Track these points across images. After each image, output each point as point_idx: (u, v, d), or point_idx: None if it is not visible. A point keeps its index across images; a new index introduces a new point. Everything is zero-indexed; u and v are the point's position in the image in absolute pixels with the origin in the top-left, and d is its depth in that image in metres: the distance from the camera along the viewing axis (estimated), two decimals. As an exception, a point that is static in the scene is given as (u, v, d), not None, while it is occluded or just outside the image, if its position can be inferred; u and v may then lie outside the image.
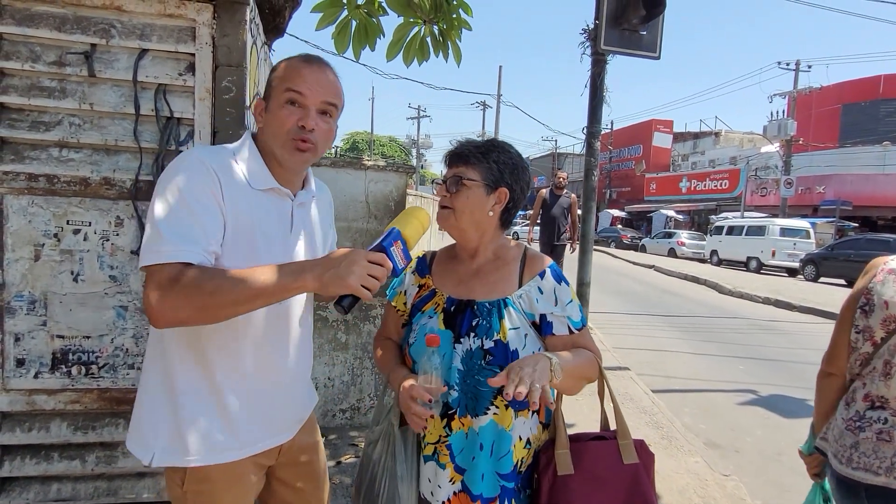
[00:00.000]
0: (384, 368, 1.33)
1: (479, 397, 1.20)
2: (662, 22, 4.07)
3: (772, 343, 6.99)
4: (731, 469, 3.21)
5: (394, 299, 1.39)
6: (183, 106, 1.67)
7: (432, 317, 1.27)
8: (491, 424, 1.21)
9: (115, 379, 1.69)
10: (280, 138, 1.13)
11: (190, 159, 1.10)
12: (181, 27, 1.65)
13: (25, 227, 1.61)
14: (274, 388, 1.24)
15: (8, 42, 1.57)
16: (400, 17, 3.58)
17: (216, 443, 1.16)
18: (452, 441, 1.22)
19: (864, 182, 21.11)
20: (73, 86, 1.62)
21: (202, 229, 1.04)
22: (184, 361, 1.15)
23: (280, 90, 1.13)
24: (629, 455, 1.22)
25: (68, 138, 1.62)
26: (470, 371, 1.20)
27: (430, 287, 1.34)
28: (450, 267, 1.36)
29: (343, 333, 3.13)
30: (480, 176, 1.24)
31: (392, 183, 3.11)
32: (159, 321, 1.00)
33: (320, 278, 0.98)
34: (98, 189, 1.64)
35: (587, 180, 4.26)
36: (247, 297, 0.98)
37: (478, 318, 1.23)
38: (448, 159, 1.30)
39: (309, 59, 1.17)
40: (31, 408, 1.65)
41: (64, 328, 1.65)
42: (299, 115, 1.12)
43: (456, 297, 1.29)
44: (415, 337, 1.27)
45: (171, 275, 0.98)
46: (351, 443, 3.00)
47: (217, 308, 0.99)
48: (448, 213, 1.26)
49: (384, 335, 1.42)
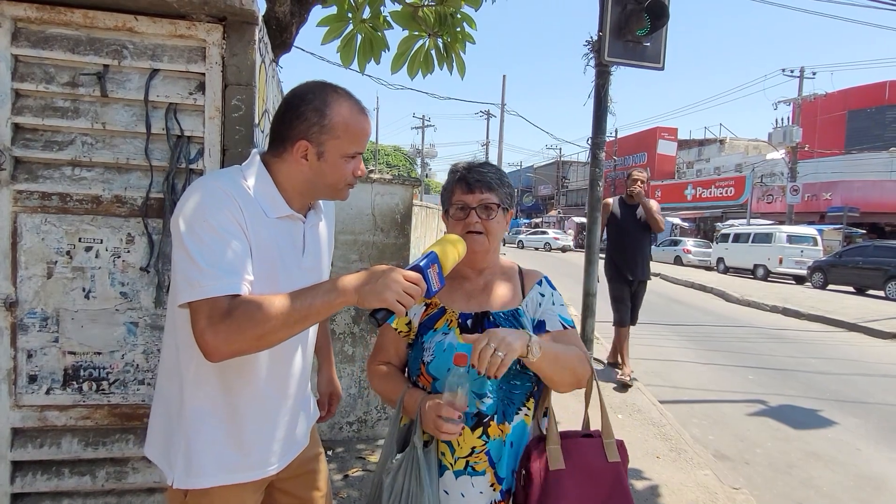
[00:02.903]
0: (390, 393, 1.34)
1: (513, 401, 1.28)
2: (666, 33, 4.09)
3: (780, 352, 6.94)
4: (742, 482, 3.18)
5: (393, 321, 1.38)
6: (193, 124, 1.69)
7: (447, 333, 1.31)
8: (521, 424, 1.30)
9: (126, 395, 1.70)
10: (339, 186, 1.22)
11: (210, 188, 1.11)
12: (192, 47, 1.68)
13: (38, 244, 1.63)
14: (285, 406, 1.26)
15: (23, 64, 1.60)
16: (405, 31, 3.63)
17: (228, 464, 1.18)
18: (490, 448, 1.26)
19: (871, 188, 21.01)
20: (85, 106, 1.64)
21: (237, 258, 1.05)
22: (198, 382, 1.17)
23: (347, 143, 1.18)
24: (613, 453, 1.28)
25: (81, 157, 1.64)
26: (505, 377, 1.25)
27: (437, 305, 1.37)
28: (455, 285, 1.40)
29: (350, 346, 3.14)
30: (501, 200, 1.35)
31: (398, 196, 3.13)
32: (214, 355, 1.01)
33: (360, 291, 1.03)
34: (110, 207, 1.67)
35: (592, 191, 4.26)
36: (297, 320, 1.02)
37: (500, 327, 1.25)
38: (467, 185, 1.35)
39: (365, 111, 1.24)
40: (42, 424, 1.66)
41: (75, 344, 1.67)
42: (355, 164, 1.22)
43: (469, 311, 1.34)
44: (433, 354, 1.29)
45: (221, 309, 1.00)
46: (358, 455, 3.00)
47: (271, 334, 1.01)
48: (482, 238, 1.34)
49: (381, 360, 1.42)
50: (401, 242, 3.15)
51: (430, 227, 8.13)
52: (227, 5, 1.61)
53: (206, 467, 1.16)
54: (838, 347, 7.33)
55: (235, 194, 1.11)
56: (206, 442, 1.16)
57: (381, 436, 3.26)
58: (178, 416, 1.20)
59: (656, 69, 4.17)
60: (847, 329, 9.01)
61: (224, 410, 1.18)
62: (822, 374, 5.99)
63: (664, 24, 3.93)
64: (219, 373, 1.16)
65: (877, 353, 7.04)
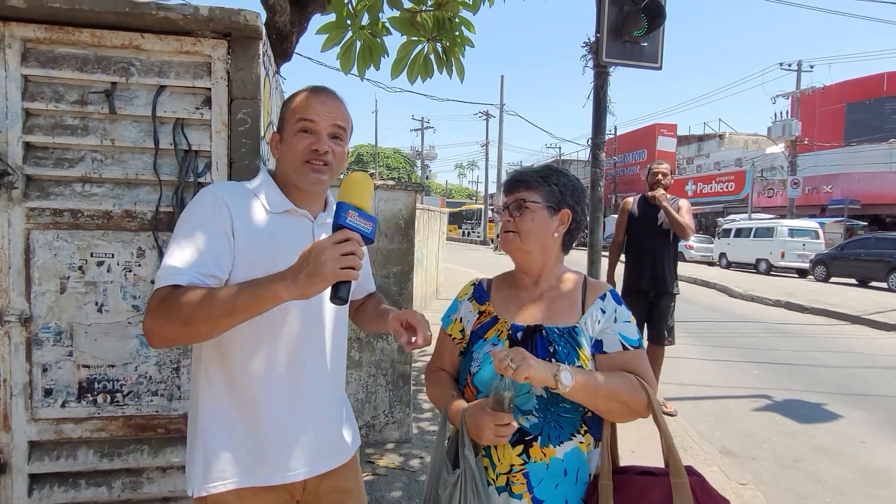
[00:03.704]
0: (438, 400, 1.31)
1: (562, 425, 1.19)
2: (663, 32, 4.11)
3: (785, 346, 6.95)
4: (748, 478, 3.20)
5: (448, 327, 1.37)
6: (200, 139, 1.72)
7: (496, 344, 1.25)
8: (576, 451, 1.19)
9: (140, 406, 1.73)
10: (295, 163, 1.22)
11: (203, 194, 1.19)
12: (197, 63, 1.71)
13: (51, 260, 1.66)
14: (304, 407, 1.25)
15: (33, 83, 1.63)
16: (403, 36, 3.66)
17: (242, 465, 1.19)
18: (531, 470, 1.18)
19: (871, 180, 21.00)
20: (94, 123, 1.67)
21: (199, 254, 1.10)
22: (208, 382, 1.21)
23: (293, 121, 1.23)
24: (683, 495, 1.09)
25: (91, 174, 1.67)
26: (554, 398, 1.17)
27: (490, 313, 1.32)
28: (511, 293, 1.34)
29: (357, 351, 3.17)
30: (543, 198, 1.26)
31: (401, 201, 3.15)
32: (150, 340, 1.07)
33: (293, 284, 0.97)
34: (120, 222, 1.70)
35: (593, 191, 4.27)
36: (220, 314, 1.01)
37: (553, 346, 1.21)
38: (507, 186, 1.32)
39: (316, 89, 1.27)
40: (58, 436, 1.69)
41: (89, 358, 1.69)
42: (311, 140, 1.21)
43: (521, 323, 1.27)
44: (479, 365, 1.24)
45: (159, 297, 1.06)
46: (368, 460, 3.02)
47: (197, 323, 1.02)
48: (513, 236, 1.27)
49: (437, 366, 1.39)
50: (405, 247, 3.17)
51: (431, 230, 8.15)
52: (231, 21, 1.64)
53: (220, 471, 1.17)
54: (843, 340, 7.35)
55: (227, 197, 1.17)
56: (219, 443, 1.18)
57: (390, 440, 3.28)
58: (194, 420, 1.24)
59: (654, 69, 4.18)
60: (851, 322, 9.02)
61: (232, 408, 1.19)
62: (826, 367, 6.00)
63: (661, 25, 3.94)
64: (224, 369, 1.19)
65: (881, 346, 7.06)
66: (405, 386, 3.28)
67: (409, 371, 3.28)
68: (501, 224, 1.32)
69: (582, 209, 1.30)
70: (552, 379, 1.08)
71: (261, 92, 1.76)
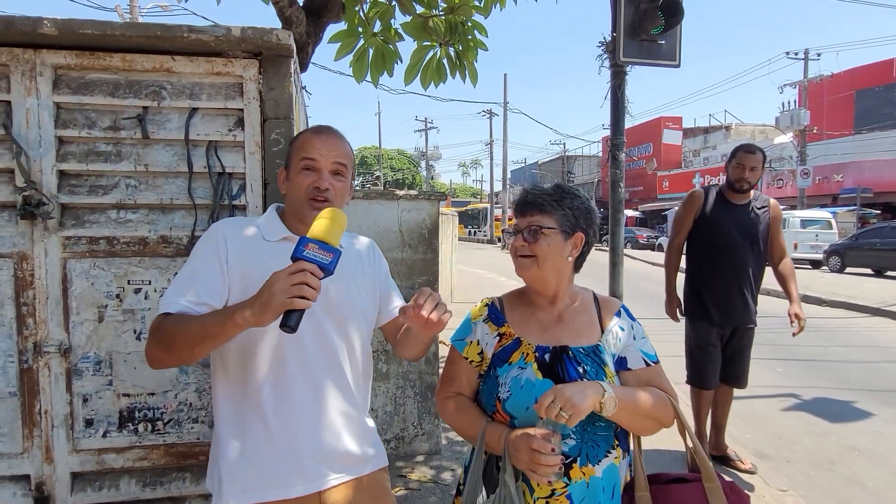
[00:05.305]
0: (467, 427, 1.28)
1: (599, 443, 1.22)
2: (681, 29, 4.04)
3: (807, 342, 6.82)
4: (785, 482, 3.14)
5: (464, 350, 1.35)
6: (234, 161, 1.69)
7: (524, 367, 1.24)
8: (611, 467, 1.23)
9: (181, 434, 1.70)
10: (299, 199, 1.29)
11: (208, 229, 1.32)
12: (229, 84, 1.68)
13: (88, 289, 1.64)
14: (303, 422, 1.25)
15: (65, 111, 1.61)
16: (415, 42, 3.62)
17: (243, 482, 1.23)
18: (573, 491, 1.19)
19: (883, 168, 20.73)
20: (127, 148, 1.65)
21: (192, 285, 1.20)
22: (218, 401, 1.29)
23: (297, 159, 1.31)
24: (717, 500, 1.16)
25: (126, 200, 1.65)
26: (590, 419, 1.18)
27: (512, 335, 1.31)
28: (528, 313, 1.34)
29: (384, 364, 3.13)
30: (557, 223, 1.28)
31: (424, 211, 3.12)
32: (149, 362, 1.20)
33: (249, 311, 1.04)
34: (156, 248, 1.67)
35: (614, 193, 4.20)
36: (196, 340, 1.10)
37: (582, 366, 1.23)
38: (519, 208, 1.32)
39: (318, 129, 1.36)
40: (100, 467, 1.67)
41: (129, 386, 1.67)
42: (314, 178, 1.28)
43: (545, 344, 1.27)
44: (509, 391, 1.23)
45: (154, 325, 1.18)
46: (399, 474, 2.99)
47: (179, 349, 1.12)
48: (530, 261, 1.28)
49: (454, 390, 1.35)
50: (429, 258, 3.14)
51: (445, 234, 8.10)
52: (263, 41, 1.61)
53: (229, 490, 1.23)
54: (865, 334, 7.23)
55: (226, 228, 1.28)
56: (228, 461, 1.24)
57: (419, 452, 3.25)
58: (214, 441, 1.31)
59: (672, 66, 4.12)
60: (871, 314, 8.88)
61: (235, 424, 1.25)
62: (851, 362, 5.91)
63: (679, 22, 3.88)
64: (227, 385, 1.26)
65: (904, 339, 6.94)
66: (433, 397, 3.24)
67: (436, 382, 3.24)
68: (514, 247, 1.32)
69: (594, 231, 1.34)
70: (598, 405, 1.12)
71: (293, 111, 1.73)
